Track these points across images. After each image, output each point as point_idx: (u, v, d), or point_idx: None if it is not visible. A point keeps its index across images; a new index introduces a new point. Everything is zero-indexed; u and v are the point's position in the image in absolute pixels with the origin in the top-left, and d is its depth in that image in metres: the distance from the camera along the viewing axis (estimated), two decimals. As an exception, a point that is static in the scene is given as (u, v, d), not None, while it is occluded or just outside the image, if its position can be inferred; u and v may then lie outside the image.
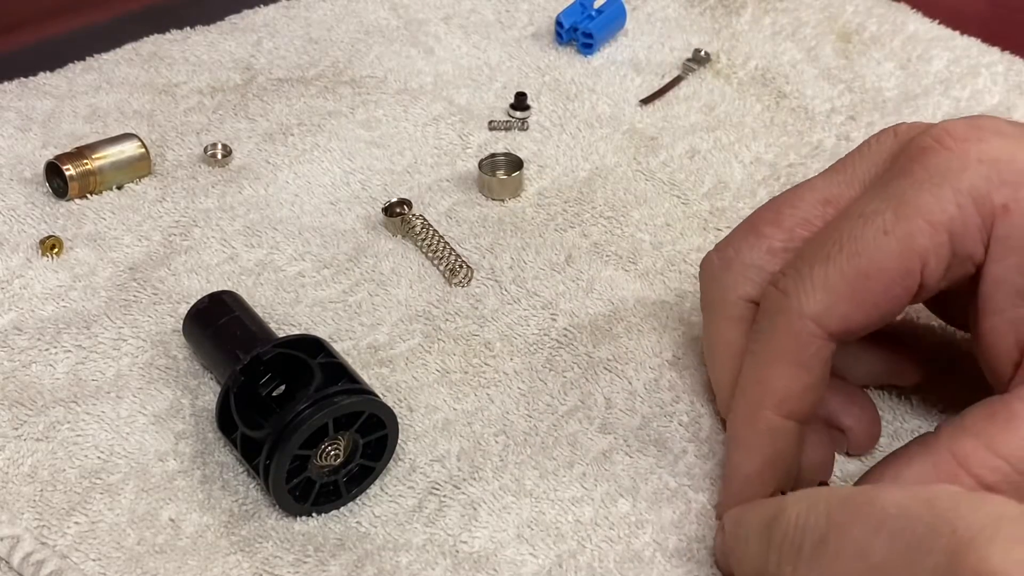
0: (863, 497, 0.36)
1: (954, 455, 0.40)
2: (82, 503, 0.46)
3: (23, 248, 0.57)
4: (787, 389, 0.42)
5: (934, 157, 0.42)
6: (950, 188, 0.41)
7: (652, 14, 0.76)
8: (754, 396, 0.43)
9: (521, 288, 0.56)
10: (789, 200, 0.46)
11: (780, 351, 0.43)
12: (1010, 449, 0.40)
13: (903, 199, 0.42)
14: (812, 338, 0.42)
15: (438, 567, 0.44)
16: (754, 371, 0.44)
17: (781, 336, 0.42)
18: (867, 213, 0.42)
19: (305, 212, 0.60)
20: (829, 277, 0.42)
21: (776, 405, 0.43)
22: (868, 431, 0.48)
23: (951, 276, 0.42)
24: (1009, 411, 0.41)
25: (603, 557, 0.45)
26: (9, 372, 0.51)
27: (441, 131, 0.66)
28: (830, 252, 0.42)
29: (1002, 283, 0.42)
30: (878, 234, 0.41)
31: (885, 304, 0.42)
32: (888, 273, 0.41)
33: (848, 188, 0.45)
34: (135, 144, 0.61)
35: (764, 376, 0.43)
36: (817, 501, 0.37)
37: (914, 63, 0.72)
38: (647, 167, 0.64)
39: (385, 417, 0.46)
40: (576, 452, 0.48)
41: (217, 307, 0.51)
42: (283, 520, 0.46)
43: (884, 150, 0.45)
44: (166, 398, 0.50)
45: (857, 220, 0.42)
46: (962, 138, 0.42)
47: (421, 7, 0.76)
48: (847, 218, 0.43)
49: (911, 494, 0.35)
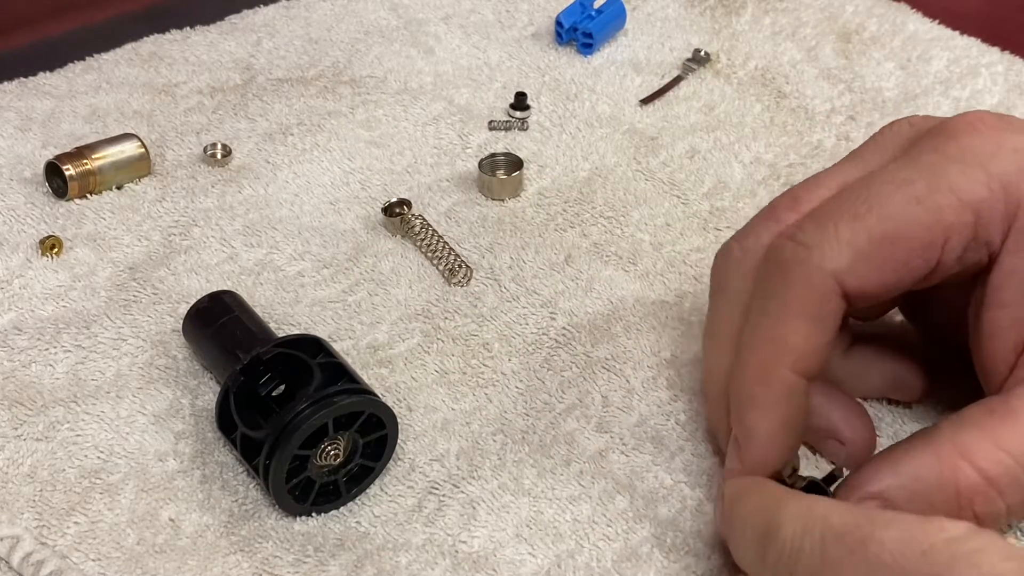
0: (859, 534, 0.35)
1: (957, 447, 0.40)
2: (82, 503, 0.46)
3: (23, 248, 0.57)
4: (804, 346, 0.41)
5: (967, 138, 0.42)
6: (983, 170, 0.41)
7: (652, 14, 0.76)
8: (768, 353, 0.42)
9: (520, 287, 0.56)
10: (807, 187, 0.45)
11: (797, 306, 0.41)
12: (1013, 443, 0.40)
13: (935, 172, 0.41)
14: (831, 294, 0.41)
15: (438, 567, 0.44)
16: (766, 325, 0.42)
17: (799, 290, 0.41)
18: (898, 180, 0.41)
19: (305, 212, 0.60)
20: (856, 234, 0.41)
21: (793, 362, 0.41)
22: (866, 444, 0.48)
23: (965, 260, 0.42)
24: (1008, 407, 0.41)
25: (601, 556, 0.45)
26: (9, 372, 0.51)
27: (441, 131, 0.66)
28: (859, 211, 0.41)
29: (1014, 275, 0.42)
30: (910, 202, 0.41)
31: (903, 273, 0.42)
32: (914, 242, 0.41)
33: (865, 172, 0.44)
34: (135, 144, 0.61)
35: (779, 332, 0.41)
36: (813, 525, 0.36)
37: (914, 63, 0.72)
38: (647, 167, 0.64)
39: (385, 417, 0.46)
40: (573, 450, 0.48)
41: (217, 307, 0.51)
42: (283, 520, 0.46)
43: (900, 138, 0.45)
44: (166, 398, 0.50)
45: (887, 185, 0.41)
46: (995, 126, 0.42)
47: (421, 7, 0.76)
48: (877, 181, 0.42)
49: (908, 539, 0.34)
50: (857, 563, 0.34)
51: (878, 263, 0.41)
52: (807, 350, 0.41)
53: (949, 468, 0.40)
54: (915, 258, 0.41)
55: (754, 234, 0.46)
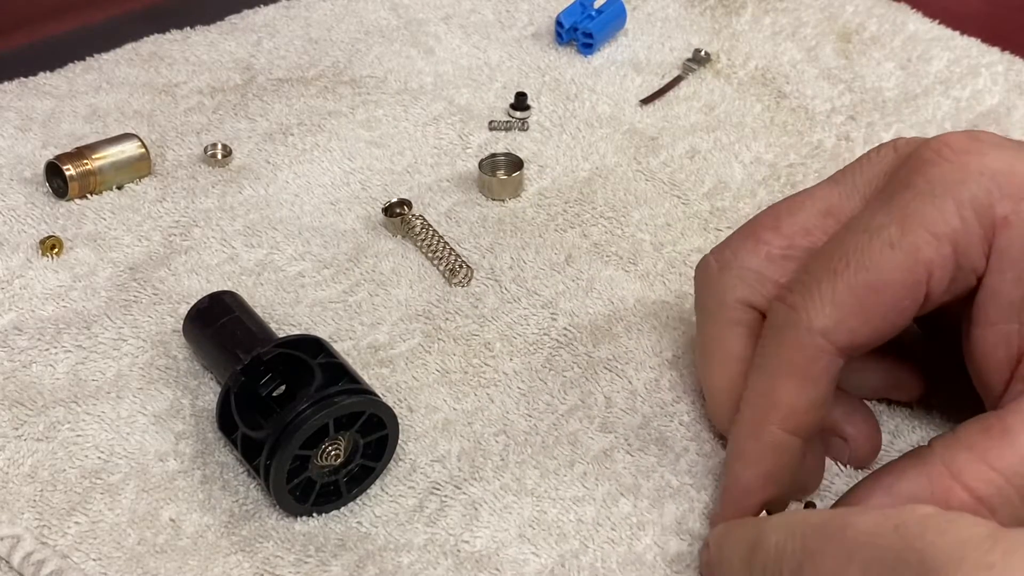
0: (836, 523, 0.36)
1: (948, 468, 0.41)
2: (82, 503, 0.46)
3: (23, 248, 0.57)
4: (793, 404, 0.42)
5: (934, 168, 0.42)
6: (952, 199, 0.41)
7: (652, 14, 0.76)
8: (760, 409, 0.43)
9: (521, 288, 0.56)
10: (789, 208, 0.46)
11: (788, 365, 0.42)
12: (1005, 463, 0.40)
13: (906, 211, 0.42)
14: (820, 353, 0.42)
15: (440, 566, 0.44)
16: (760, 384, 0.43)
17: (789, 350, 0.42)
18: (872, 227, 0.42)
19: (305, 212, 0.60)
20: (837, 292, 0.42)
21: (782, 420, 0.43)
22: (870, 442, 0.48)
23: (955, 288, 0.42)
24: (1004, 425, 0.41)
25: (606, 557, 0.45)
26: (9, 372, 0.51)
27: (441, 131, 0.66)
28: (837, 267, 0.42)
29: (997, 295, 0.42)
30: (884, 248, 0.41)
31: (893, 317, 0.42)
32: (895, 286, 0.41)
33: (848, 200, 0.45)
34: (135, 144, 0.61)
35: (770, 390, 0.43)
36: (795, 528, 0.37)
37: (914, 63, 0.72)
38: (647, 167, 0.64)
39: (385, 417, 0.46)
40: (577, 451, 0.48)
41: (217, 307, 0.51)
42: (284, 520, 0.46)
43: (884, 163, 0.45)
44: (166, 398, 0.50)
45: (863, 235, 0.42)
46: (962, 150, 0.42)
47: (421, 7, 0.76)
48: (852, 232, 0.43)
49: (881, 519, 0.35)
50: (835, 548, 0.35)
51: (864, 314, 0.42)
52: (797, 408, 0.43)
53: (941, 490, 0.40)
54: (901, 300, 0.42)
55: (730, 249, 0.47)
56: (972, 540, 0.33)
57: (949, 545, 0.33)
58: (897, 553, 0.33)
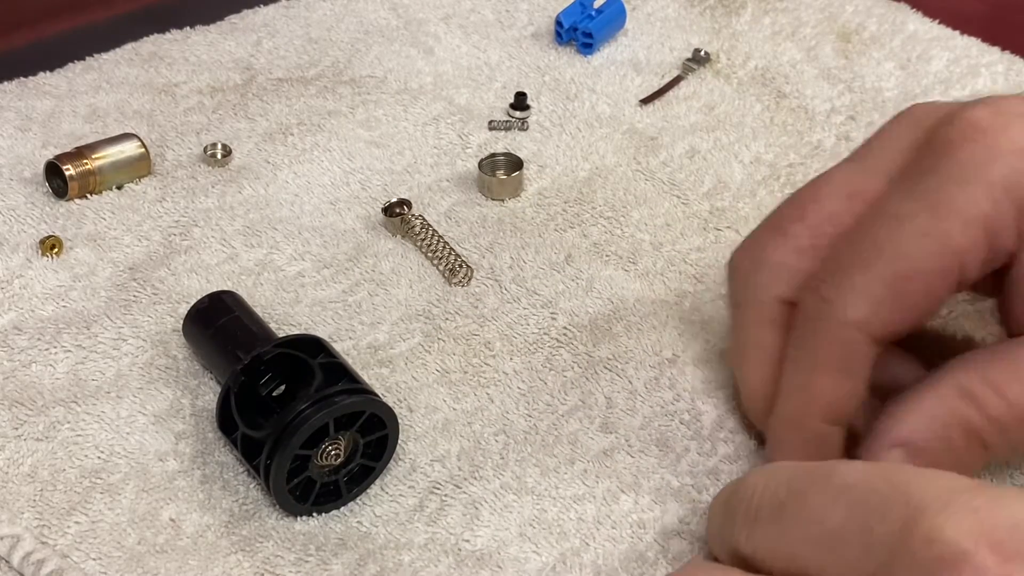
0: (823, 470, 0.37)
1: (959, 386, 0.41)
2: (82, 503, 0.46)
3: (23, 248, 0.57)
4: (832, 396, 0.43)
5: (961, 151, 0.42)
6: (983, 183, 0.41)
7: (652, 14, 0.76)
8: (799, 403, 0.43)
9: (521, 288, 0.56)
10: (812, 195, 0.46)
11: (824, 358, 0.43)
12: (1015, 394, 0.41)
13: (937, 198, 0.41)
14: (856, 345, 0.42)
15: (441, 564, 0.44)
16: (798, 379, 0.44)
17: (824, 343, 0.43)
18: (902, 215, 0.42)
19: (305, 212, 0.60)
20: (870, 283, 0.42)
21: (822, 412, 0.43)
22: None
23: (987, 268, 0.42)
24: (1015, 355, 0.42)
25: (607, 555, 0.45)
26: (9, 372, 0.51)
27: (441, 131, 0.66)
28: (869, 257, 0.42)
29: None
30: (916, 236, 0.41)
31: (926, 304, 0.42)
32: (928, 275, 0.41)
33: (872, 179, 0.44)
34: (135, 144, 0.61)
35: (809, 383, 0.43)
36: (778, 473, 0.38)
37: (914, 63, 0.72)
38: (647, 167, 0.64)
39: (385, 417, 0.46)
40: (577, 450, 0.48)
41: (217, 307, 0.51)
42: (284, 520, 0.46)
43: (906, 137, 0.45)
44: (166, 398, 0.50)
45: (892, 222, 0.42)
46: (987, 128, 0.42)
47: (421, 7, 0.76)
48: (882, 219, 0.42)
49: (870, 467, 0.36)
50: (821, 489, 0.36)
51: (898, 304, 0.42)
52: (836, 399, 0.43)
53: (957, 406, 0.41)
54: (934, 288, 0.42)
55: (759, 244, 0.46)
56: (958, 488, 0.33)
57: (936, 491, 0.33)
58: (884, 494, 0.34)
